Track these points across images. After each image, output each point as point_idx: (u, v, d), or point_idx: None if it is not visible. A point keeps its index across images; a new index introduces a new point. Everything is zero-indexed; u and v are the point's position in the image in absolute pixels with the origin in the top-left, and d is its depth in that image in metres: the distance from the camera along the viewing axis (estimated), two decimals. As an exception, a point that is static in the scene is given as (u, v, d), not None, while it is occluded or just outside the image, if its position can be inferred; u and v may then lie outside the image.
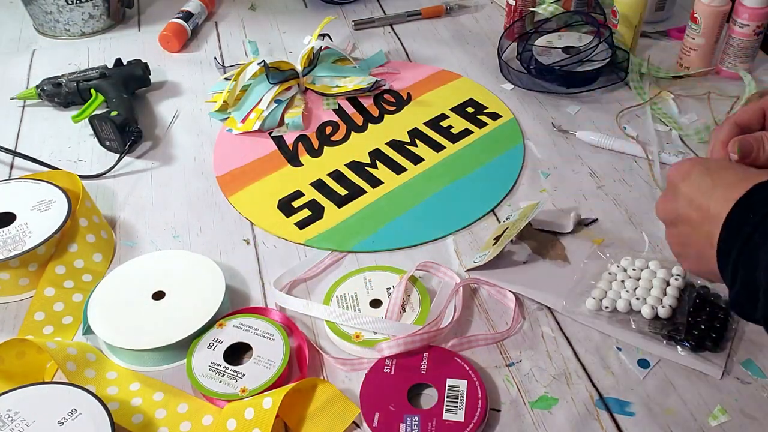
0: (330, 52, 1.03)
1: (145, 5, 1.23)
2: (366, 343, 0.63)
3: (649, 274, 0.67)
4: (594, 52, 0.95)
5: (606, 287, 0.67)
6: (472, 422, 0.57)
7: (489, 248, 0.72)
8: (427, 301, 0.67)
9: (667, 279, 0.66)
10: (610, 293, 0.66)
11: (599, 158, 0.87)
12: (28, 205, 0.74)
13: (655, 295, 0.65)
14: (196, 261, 0.70)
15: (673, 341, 0.63)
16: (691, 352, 0.63)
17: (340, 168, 0.86)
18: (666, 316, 0.64)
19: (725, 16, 0.94)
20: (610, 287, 0.67)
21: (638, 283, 0.66)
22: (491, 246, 0.72)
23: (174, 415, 0.59)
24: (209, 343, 0.63)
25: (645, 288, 0.66)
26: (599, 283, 0.68)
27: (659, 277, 0.66)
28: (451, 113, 0.94)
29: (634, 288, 0.66)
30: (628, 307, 0.65)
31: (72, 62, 1.07)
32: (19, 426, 0.54)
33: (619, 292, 0.66)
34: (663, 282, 0.66)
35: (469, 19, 1.17)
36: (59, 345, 0.62)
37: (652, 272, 0.67)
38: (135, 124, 0.89)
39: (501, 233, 0.72)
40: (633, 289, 0.66)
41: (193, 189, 0.84)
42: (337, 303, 0.67)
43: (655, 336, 0.64)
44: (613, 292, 0.66)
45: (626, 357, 0.64)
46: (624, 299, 0.65)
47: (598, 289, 0.67)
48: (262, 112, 0.92)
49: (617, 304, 0.65)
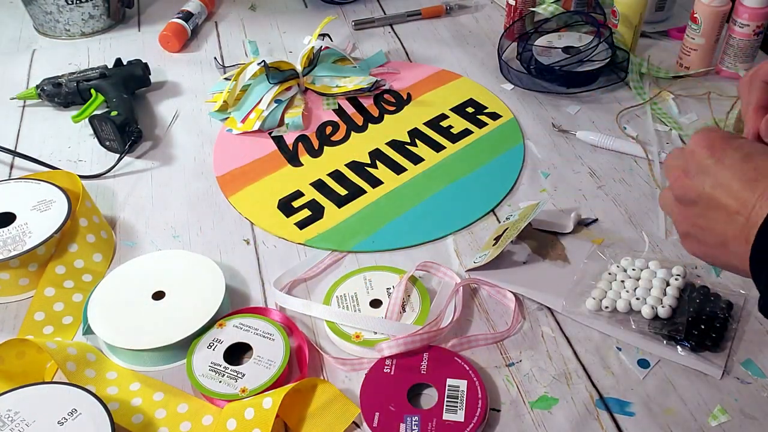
0: (330, 52, 1.03)
1: (145, 5, 1.23)
2: (366, 343, 0.63)
3: (649, 274, 0.67)
4: (594, 52, 0.95)
5: (606, 287, 0.67)
6: (472, 422, 0.57)
7: (489, 248, 0.72)
8: (427, 301, 0.67)
9: (667, 279, 0.66)
10: (610, 293, 0.66)
11: (599, 158, 0.87)
12: (28, 205, 0.74)
13: (655, 295, 0.65)
14: (196, 261, 0.70)
15: (673, 341, 0.63)
16: (691, 352, 0.63)
17: (340, 168, 0.86)
18: (666, 316, 0.63)
19: (725, 16, 0.94)
20: (610, 287, 0.67)
21: (638, 283, 0.66)
22: (491, 246, 0.72)
23: (174, 415, 0.59)
24: (209, 343, 0.63)
25: (645, 288, 0.65)
26: (599, 283, 0.67)
27: (659, 277, 0.66)
28: (451, 113, 0.94)
29: (634, 288, 0.66)
30: (628, 307, 0.64)
31: (72, 62, 1.07)
32: (19, 426, 0.54)
33: (619, 292, 0.66)
34: (663, 282, 0.66)
35: (469, 19, 1.17)
36: (59, 345, 0.62)
37: (652, 272, 0.67)
38: (135, 124, 0.89)
39: (501, 233, 0.72)
40: (633, 289, 0.66)
41: (193, 189, 0.84)
42: (337, 303, 0.67)
43: (656, 336, 0.64)
44: (612, 292, 0.66)
45: (626, 357, 0.64)
46: (624, 299, 0.65)
47: (598, 289, 0.67)
48: (262, 112, 0.92)
49: (617, 304, 0.65)
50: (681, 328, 0.63)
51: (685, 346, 0.63)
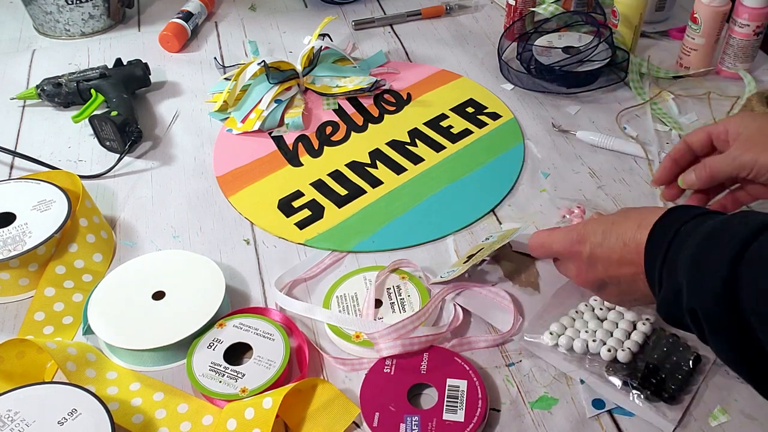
0: (330, 52, 1.03)
1: (145, 5, 1.23)
2: (366, 343, 0.63)
3: (616, 315, 0.64)
4: (594, 52, 0.95)
5: (568, 323, 0.64)
6: (472, 422, 0.57)
7: (459, 265, 0.70)
8: (427, 300, 0.67)
9: (634, 321, 0.63)
10: (569, 331, 0.63)
11: (599, 158, 0.87)
12: (28, 205, 0.74)
13: (617, 337, 0.62)
14: (196, 261, 0.70)
15: (628, 386, 0.59)
16: (646, 401, 0.58)
17: (340, 168, 0.86)
18: (625, 360, 0.60)
19: (725, 16, 0.94)
20: (573, 324, 0.64)
21: (601, 323, 0.63)
22: (461, 264, 0.70)
23: (174, 415, 0.59)
24: (209, 343, 0.63)
25: (607, 329, 0.63)
26: (562, 318, 0.64)
27: (626, 319, 0.63)
28: (451, 113, 0.94)
29: (596, 329, 0.63)
30: (584, 348, 0.62)
31: (72, 62, 1.07)
32: (19, 426, 0.54)
33: (579, 330, 0.63)
34: (629, 324, 0.63)
35: (469, 19, 1.17)
36: (59, 345, 0.62)
37: (619, 313, 0.64)
38: (135, 124, 0.89)
39: (475, 252, 0.70)
40: (594, 330, 0.63)
41: (193, 189, 0.84)
42: (336, 303, 0.67)
43: (610, 379, 0.60)
44: (572, 330, 0.63)
45: (585, 391, 0.61)
46: (582, 339, 0.62)
47: (558, 324, 0.64)
48: (262, 112, 0.92)
49: (574, 344, 0.62)
50: (638, 374, 0.59)
51: (639, 395, 0.59)
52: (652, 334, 0.63)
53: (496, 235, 0.73)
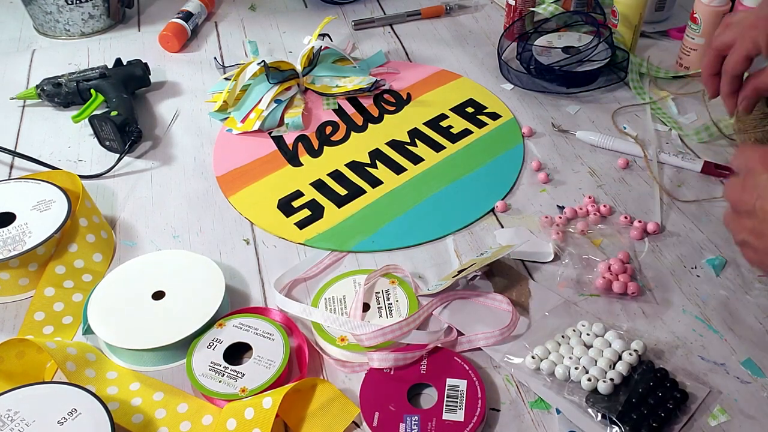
0: (330, 52, 1.03)
1: (145, 5, 1.23)
2: (352, 347, 0.63)
3: (602, 343, 0.62)
4: (594, 52, 0.95)
5: (553, 348, 0.62)
6: (471, 422, 0.57)
7: (449, 279, 0.69)
8: (415, 307, 0.66)
9: (620, 352, 0.61)
10: (552, 356, 0.61)
11: (599, 158, 0.87)
12: (28, 205, 0.74)
13: (601, 367, 0.60)
14: (196, 261, 0.70)
15: (606, 420, 0.57)
16: None
17: (340, 168, 0.86)
18: (606, 391, 0.58)
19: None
20: (558, 348, 0.62)
21: (587, 351, 0.61)
22: (451, 278, 0.69)
23: (174, 415, 0.59)
24: (209, 343, 0.63)
25: (591, 358, 0.61)
26: (547, 342, 0.62)
27: (612, 349, 0.61)
28: (451, 113, 0.94)
29: (580, 357, 0.61)
30: (566, 374, 0.60)
31: (72, 62, 1.07)
32: (19, 426, 0.54)
33: (563, 357, 0.61)
34: (615, 354, 0.61)
35: (469, 19, 1.17)
36: (59, 345, 0.62)
37: (606, 341, 0.62)
38: (135, 124, 0.89)
39: (467, 267, 0.69)
40: (578, 358, 0.61)
41: (193, 189, 0.84)
42: (324, 305, 0.67)
43: (589, 410, 0.58)
44: (555, 355, 0.61)
45: (560, 421, 0.58)
46: (564, 365, 0.60)
47: (542, 347, 0.62)
48: (262, 112, 0.92)
49: (556, 370, 0.60)
50: (618, 407, 0.57)
51: (615, 430, 0.56)
52: (638, 366, 0.60)
53: (490, 251, 0.72)
